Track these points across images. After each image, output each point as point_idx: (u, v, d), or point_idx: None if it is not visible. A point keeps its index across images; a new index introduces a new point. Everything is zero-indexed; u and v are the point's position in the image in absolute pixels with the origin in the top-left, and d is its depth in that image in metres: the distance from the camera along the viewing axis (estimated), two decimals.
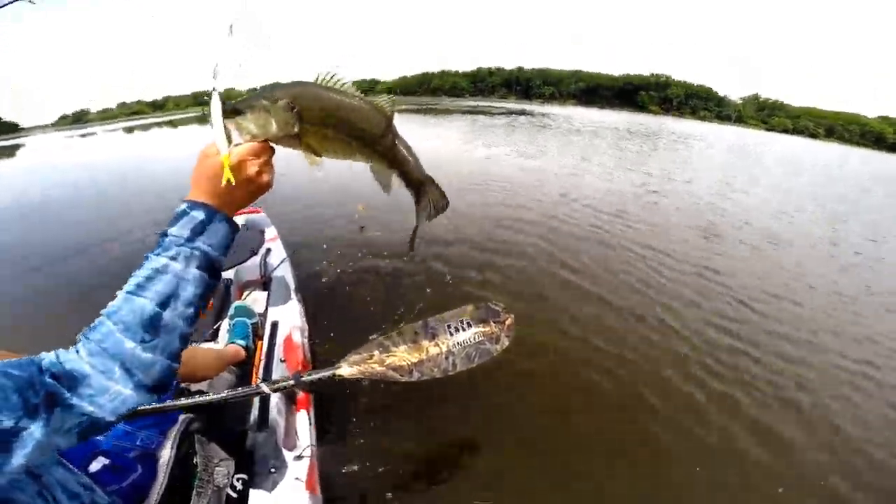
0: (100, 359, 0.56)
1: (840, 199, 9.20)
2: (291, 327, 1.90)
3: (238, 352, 1.71)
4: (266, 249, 2.61)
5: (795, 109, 73.95)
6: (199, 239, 0.63)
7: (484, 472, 1.84)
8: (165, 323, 0.60)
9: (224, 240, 0.67)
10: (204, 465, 1.16)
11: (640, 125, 28.02)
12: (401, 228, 4.24)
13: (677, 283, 3.69)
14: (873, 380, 2.68)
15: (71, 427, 0.54)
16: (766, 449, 2.08)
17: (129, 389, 0.57)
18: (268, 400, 1.44)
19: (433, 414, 2.09)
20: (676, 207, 6.32)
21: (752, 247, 4.96)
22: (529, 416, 2.20)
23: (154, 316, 0.59)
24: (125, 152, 15.60)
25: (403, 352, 1.62)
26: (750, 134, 43.48)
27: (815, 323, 3.32)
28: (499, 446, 1.99)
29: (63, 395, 0.53)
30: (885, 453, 2.12)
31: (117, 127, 28.93)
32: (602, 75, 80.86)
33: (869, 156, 35.81)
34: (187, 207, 0.64)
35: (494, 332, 1.73)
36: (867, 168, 20.42)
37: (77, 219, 5.63)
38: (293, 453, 1.34)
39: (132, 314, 0.58)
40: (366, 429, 1.96)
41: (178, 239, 0.62)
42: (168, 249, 0.62)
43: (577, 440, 2.08)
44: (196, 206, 0.64)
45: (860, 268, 4.79)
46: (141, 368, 0.58)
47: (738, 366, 2.65)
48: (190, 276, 0.62)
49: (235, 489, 1.21)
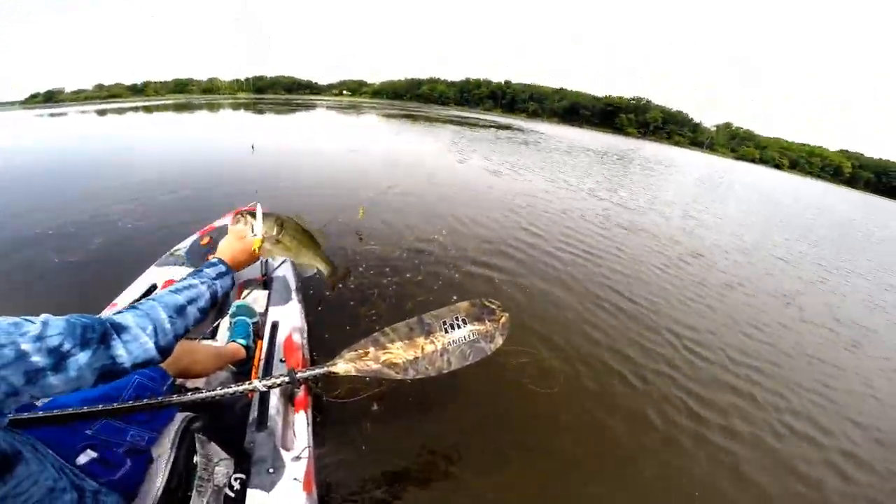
0: (141, 319, 0.84)
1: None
2: (292, 327, 1.89)
3: (238, 350, 1.70)
4: None
5: (763, 140, 78.02)
6: (218, 281, 1.06)
7: (484, 473, 1.85)
8: (185, 314, 0.94)
9: (229, 286, 1.10)
10: (204, 464, 1.16)
11: (629, 150, 28.88)
12: (399, 238, 4.45)
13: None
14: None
15: (98, 366, 0.74)
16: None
17: (151, 344, 0.83)
18: (267, 400, 1.44)
19: (432, 415, 2.10)
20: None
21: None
22: (532, 418, 2.22)
23: (182, 307, 0.93)
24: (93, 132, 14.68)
25: (398, 349, 1.62)
26: (719, 162, 45.42)
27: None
28: (498, 447, 2.00)
29: (112, 335, 0.78)
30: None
31: (89, 109, 27.62)
32: (585, 95, 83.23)
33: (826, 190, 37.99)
34: (217, 262, 1.09)
35: (489, 330, 1.74)
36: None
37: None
38: (291, 454, 1.34)
39: (172, 299, 0.93)
40: (364, 430, 1.95)
41: (208, 276, 1.04)
42: (202, 278, 1.03)
43: (579, 446, 2.12)
44: (222, 262, 1.10)
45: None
46: (163, 333, 0.86)
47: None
48: (206, 296, 1.01)
49: (233, 489, 1.20)
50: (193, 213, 4.57)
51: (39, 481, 0.74)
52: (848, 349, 3.74)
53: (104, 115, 21.81)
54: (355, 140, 13.20)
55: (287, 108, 31.12)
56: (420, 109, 50.52)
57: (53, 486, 0.77)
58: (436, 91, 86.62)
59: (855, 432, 2.60)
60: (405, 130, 18.96)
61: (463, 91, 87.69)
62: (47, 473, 0.77)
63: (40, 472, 0.75)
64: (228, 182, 6.47)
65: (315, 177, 7.32)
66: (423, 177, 8.10)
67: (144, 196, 5.43)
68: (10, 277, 3.26)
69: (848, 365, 3.42)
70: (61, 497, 0.78)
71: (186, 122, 18.92)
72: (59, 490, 0.78)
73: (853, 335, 4.06)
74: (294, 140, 13.50)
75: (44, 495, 0.74)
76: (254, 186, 6.09)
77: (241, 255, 1.13)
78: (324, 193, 6.16)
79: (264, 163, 8.39)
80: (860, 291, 5.69)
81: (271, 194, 5.89)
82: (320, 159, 9.18)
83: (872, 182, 70.88)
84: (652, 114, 76.30)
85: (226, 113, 25.59)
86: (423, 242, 4.38)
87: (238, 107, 32.13)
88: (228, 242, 1.13)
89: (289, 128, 17.81)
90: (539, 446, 2.08)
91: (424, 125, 23.48)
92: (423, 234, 4.64)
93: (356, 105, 47.34)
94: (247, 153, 9.23)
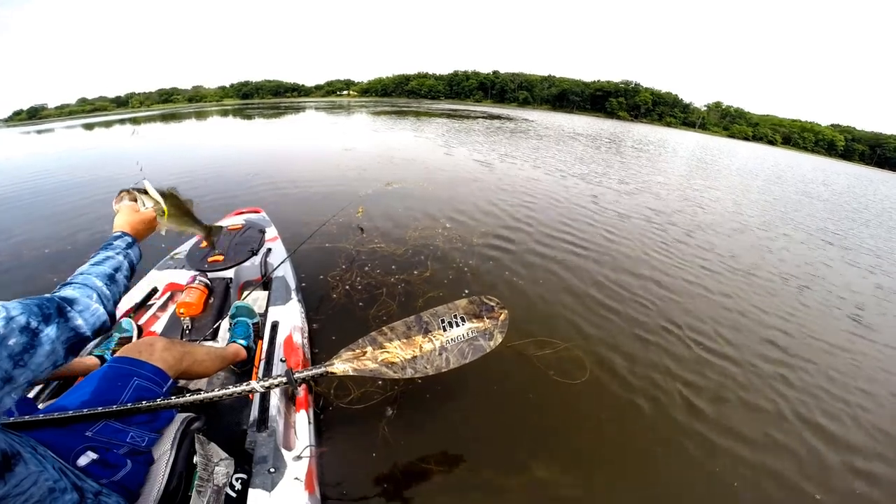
0: (82, 289, 0.90)
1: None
2: (292, 328, 1.88)
3: (238, 351, 1.70)
4: (267, 249, 2.60)
5: (755, 117, 77.91)
6: (129, 251, 1.08)
7: (484, 474, 1.82)
8: (116, 281, 0.99)
9: (138, 256, 1.13)
10: (204, 464, 1.15)
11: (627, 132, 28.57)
12: (402, 233, 4.43)
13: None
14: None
15: (65, 339, 0.79)
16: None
17: (102, 309, 0.90)
18: (268, 400, 1.43)
19: (432, 415, 2.08)
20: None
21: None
22: (536, 418, 2.17)
23: (111, 275, 0.98)
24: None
25: (396, 347, 1.60)
26: (712, 140, 45.24)
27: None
28: (498, 448, 1.97)
29: (66, 307, 0.82)
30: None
31: (75, 123, 27.40)
32: (574, 81, 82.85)
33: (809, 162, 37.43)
34: (122, 234, 1.11)
35: (488, 327, 1.70)
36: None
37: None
38: (292, 453, 1.34)
39: (100, 270, 0.97)
40: (365, 430, 1.93)
41: (120, 247, 1.07)
42: (115, 250, 1.05)
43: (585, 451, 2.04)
44: (127, 235, 1.12)
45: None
46: (106, 299, 0.93)
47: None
48: (126, 265, 1.05)
49: (234, 489, 1.20)
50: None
51: (39, 481, 0.75)
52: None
53: (91, 130, 21.65)
54: (349, 140, 13.06)
55: (275, 113, 30.88)
56: (410, 105, 50.19)
57: (54, 487, 0.78)
58: (425, 86, 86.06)
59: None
60: (396, 127, 18.80)
61: (452, 84, 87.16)
62: (47, 474, 0.77)
63: (40, 472, 0.76)
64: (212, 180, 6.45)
65: (314, 178, 7.29)
66: (419, 171, 8.04)
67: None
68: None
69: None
70: (62, 497, 0.79)
71: (177, 130, 18.77)
72: (59, 490, 0.79)
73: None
74: (286, 140, 13.47)
75: (44, 495, 0.75)
76: (245, 186, 6.10)
77: (140, 226, 1.17)
78: (323, 192, 6.12)
79: (263, 164, 8.39)
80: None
81: (271, 195, 5.90)
82: (318, 164, 9.10)
83: (867, 154, 71.01)
84: (642, 96, 76.07)
85: (214, 120, 25.42)
86: (426, 237, 4.35)
87: (226, 113, 31.89)
88: (127, 217, 1.15)
89: (279, 130, 17.68)
90: (547, 450, 1.99)
91: (415, 120, 23.29)
92: (425, 229, 4.61)
93: (345, 105, 46.93)
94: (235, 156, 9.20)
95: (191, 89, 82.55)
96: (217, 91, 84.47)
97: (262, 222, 3.00)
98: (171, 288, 2.27)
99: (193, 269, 2.38)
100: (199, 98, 79.18)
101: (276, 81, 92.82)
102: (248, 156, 9.70)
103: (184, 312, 1.95)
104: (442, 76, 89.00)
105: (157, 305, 2.16)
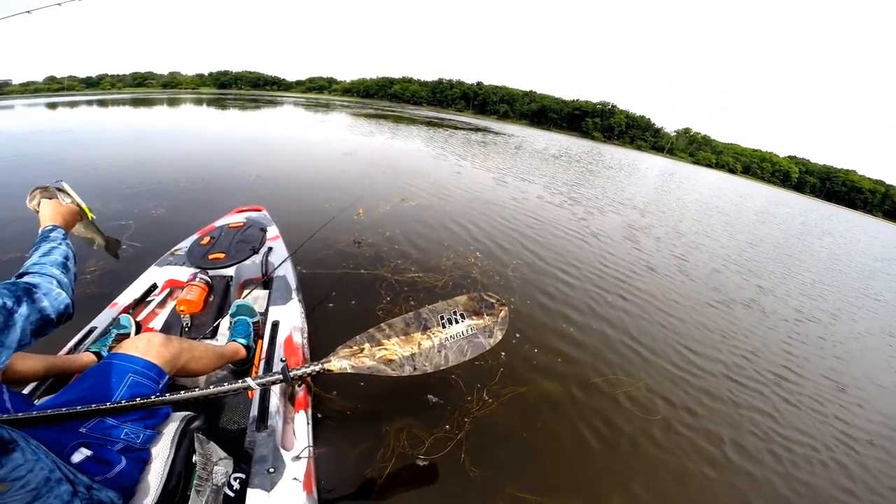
0: (42, 277, 0.94)
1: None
2: (292, 327, 1.86)
3: (238, 350, 1.67)
4: (268, 248, 2.55)
5: (720, 145, 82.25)
6: (66, 241, 1.13)
7: (485, 475, 1.83)
8: (68, 269, 1.04)
9: (73, 247, 1.15)
10: (203, 463, 1.14)
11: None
12: (399, 238, 4.44)
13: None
14: None
15: (34, 320, 0.84)
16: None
17: (64, 294, 0.95)
18: (267, 399, 1.42)
19: (433, 415, 2.09)
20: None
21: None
22: (536, 417, 2.22)
23: (63, 263, 1.03)
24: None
25: (395, 345, 1.57)
26: (678, 166, 47.19)
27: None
28: (498, 448, 1.99)
29: (32, 291, 0.87)
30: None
31: (38, 102, 25.66)
32: (555, 98, 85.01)
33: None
34: (53, 227, 1.16)
35: (487, 324, 1.68)
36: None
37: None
38: (291, 453, 1.33)
39: (51, 259, 1.02)
40: (365, 430, 1.92)
41: (59, 238, 1.11)
42: (55, 241, 1.09)
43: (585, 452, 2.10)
44: (58, 228, 1.16)
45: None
46: (65, 285, 0.98)
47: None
48: (70, 253, 1.09)
49: (233, 488, 1.18)
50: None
51: (35, 469, 0.78)
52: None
53: (54, 109, 20.36)
54: (347, 144, 12.76)
55: (253, 105, 30.07)
56: (393, 108, 49.97)
57: (49, 476, 0.81)
58: (408, 91, 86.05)
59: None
60: (382, 131, 18.67)
61: (435, 91, 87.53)
62: (42, 463, 0.81)
63: (35, 460, 0.79)
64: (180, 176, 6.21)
65: (314, 178, 7.21)
66: (420, 179, 8.03)
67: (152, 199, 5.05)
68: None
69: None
70: (58, 487, 0.82)
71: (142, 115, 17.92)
72: (55, 480, 0.82)
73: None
74: (283, 140, 13.11)
75: (41, 483, 0.78)
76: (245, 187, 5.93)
77: (69, 217, 1.24)
78: (322, 194, 6.03)
79: (265, 162, 8.15)
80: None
81: (272, 194, 5.78)
82: (318, 165, 8.86)
83: (818, 187, 76.00)
84: (616, 118, 78.75)
85: (187, 108, 24.48)
86: (429, 243, 4.40)
87: (200, 102, 30.76)
88: (54, 211, 1.21)
89: (273, 128, 17.15)
90: (548, 450, 2.03)
91: (404, 126, 23.13)
92: (428, 234, 4.65)
93: (326, 103, 46.22)
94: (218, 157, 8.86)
95: (167, 75, 79.35)
96: (194, 79, 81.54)
97: (263, 220, 2.94)
98: (170, 284, 2.22)
99: (194, 266, 2.33)
100: (175, 84, 76.15)
101: (257, 73, 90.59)
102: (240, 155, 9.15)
103: (184, 310, 1.92)
104: (426, 82, 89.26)
105: (156, 302, 2.11)
